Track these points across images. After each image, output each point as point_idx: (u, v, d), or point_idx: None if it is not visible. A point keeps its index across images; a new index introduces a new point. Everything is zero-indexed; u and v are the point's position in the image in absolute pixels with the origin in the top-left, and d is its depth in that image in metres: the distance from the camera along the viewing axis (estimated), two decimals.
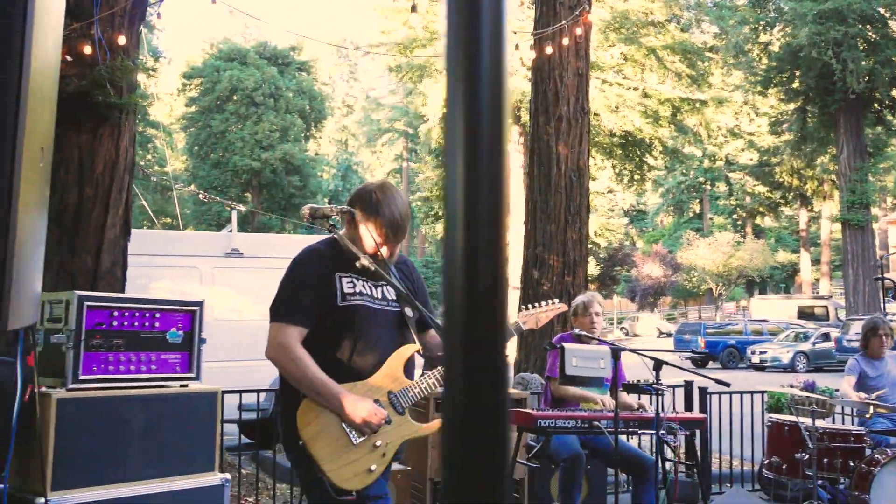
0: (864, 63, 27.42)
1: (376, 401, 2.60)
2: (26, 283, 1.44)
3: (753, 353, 25.95)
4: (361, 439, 2.56)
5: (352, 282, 2.72)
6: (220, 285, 9.23)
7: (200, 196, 30.70)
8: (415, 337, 2.80)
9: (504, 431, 0.52)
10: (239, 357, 8.20)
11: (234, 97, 42.73)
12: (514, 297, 27.59)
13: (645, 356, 4.33)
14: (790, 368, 24.30)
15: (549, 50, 7.80)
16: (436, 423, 2.76)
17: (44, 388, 3.36)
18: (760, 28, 30.54)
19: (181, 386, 3.73)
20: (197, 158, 43.99)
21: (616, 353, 4.22)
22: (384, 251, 2.70)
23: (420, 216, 37.89)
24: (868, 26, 27.95)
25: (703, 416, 4.76)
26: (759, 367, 25.16)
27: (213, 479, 3.71)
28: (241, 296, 9.15)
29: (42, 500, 3.14)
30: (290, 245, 10.31)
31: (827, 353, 25.03)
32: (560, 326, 7.37)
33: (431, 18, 29.10)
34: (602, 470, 5.77)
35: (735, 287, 51.71)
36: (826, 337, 25.88)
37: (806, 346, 25.56)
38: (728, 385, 4.16)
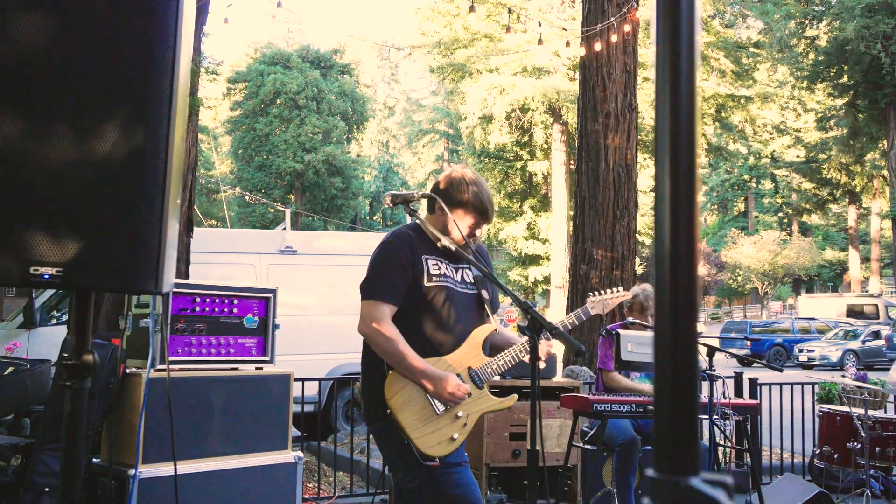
0: None
1: (458, 375, 2.79)
2: (172, 257, 1.66)
3: (801, 351, 25.61)
4: (445, 409, 2.75)
5: (437, 264, 2.92)
6: (275, 281, 9.48)
7: (247, 198, 31.20)
8: (491, 318, 2.99)
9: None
10: (293, 351, 8.41)
11: (278, 100, 43.36)
12: (556, 295, 27.29)
13: (702, 344, 4.45)
14: (839, 367, 23.92)
15: (598, 47, 7.93)
16: (512, 399, 2.94)
17: (133, 369, 3.61)
18: (807, 22, 30.12)
19: (256, 368, 3.95)
20: (241, 161, 44.74)
21: None
22: (474, 234, 2.90)
23: None
24: None
25: (755, 402, 4.86)
26: (807, 366, 24.81)
27: (286, 456, 3.93)
28: (295, 291, 9.38)
29: (133, 472, 3.38)
30: (342, 242, 10.56)
31: (877, 351, 24.62)
32: (607, 318, 7.49)
33: (472, 20, 29.24)
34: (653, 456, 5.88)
35: (781, 286, 50.97)
36: (876, 335, 25.44)
37: (855, 345, 25.15)
38: (781, 370, 4.25)
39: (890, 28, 26.12)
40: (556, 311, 26.05)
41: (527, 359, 2.85)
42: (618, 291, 3.39)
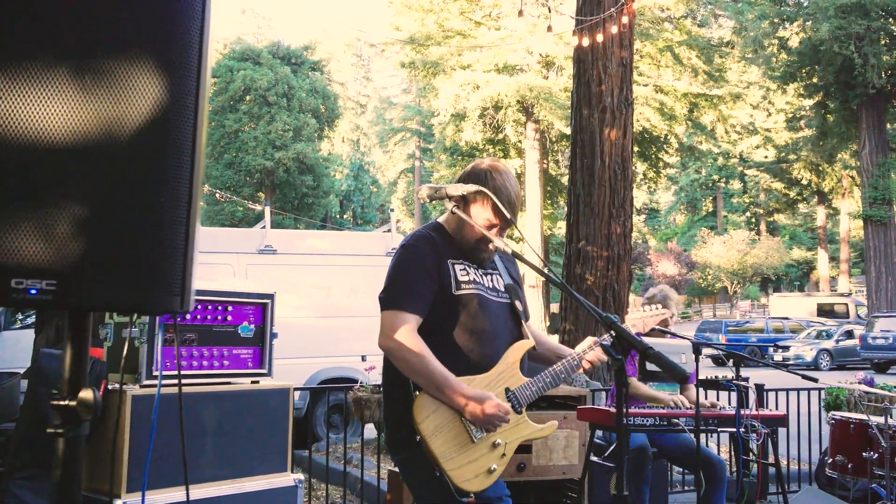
0: (885, 58, 27.10)
1: None
2: (196, 261, 1.27)
3: (776, 350, 25.68)
4: (481, 437, 2.39)
5: (465, 269, 2.55)
6: (254, 282, 9.07)
7: (217, 196, 30.62)
8: (527, 331, 2.63)
9: None
10: (275, 355, 8.03)
11: (248, 97, 42.63)
12: (530, 295, 27.27)
13: (726, 352, 4.16)
14: (813, 366, 24.02)
15: (599, 38, 7.62)
16: (553, 425, 2.57)
17: (115, 385, 3.21)
18: (779, 23, 30.22)
19: (252, 382, 3.57)
20: (210, 158, 43.83)
21: (697, 348, 4.04)
22: (493, 233, 2.53)
23: (436, 215, 37.66)
24: (891, 20, 27.61)
25: (782, 413, 4.58)
26: (782, 366, 24.84)
27: (286, 479, 3.56)
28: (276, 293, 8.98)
29: (118, 502, 2.98)
30: (325, 242, 10.17)
31: (851, 350, 24.74)
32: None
33: (446, 16, 28.92)
34: (663, 469, 5.59)
35: (750, 285, 51.40)
36: (849, 334, 25.59)
37: (829, 344, 25.27)
38: (816, 381, 3.97)
39: (863, 29, 26.27)
40: (530, 312, 25.81)
41: (586, 366, 2.54)
42: (656, 309, 3.07)
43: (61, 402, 1.21)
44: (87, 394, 1.21)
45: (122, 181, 1.14)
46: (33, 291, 1.08)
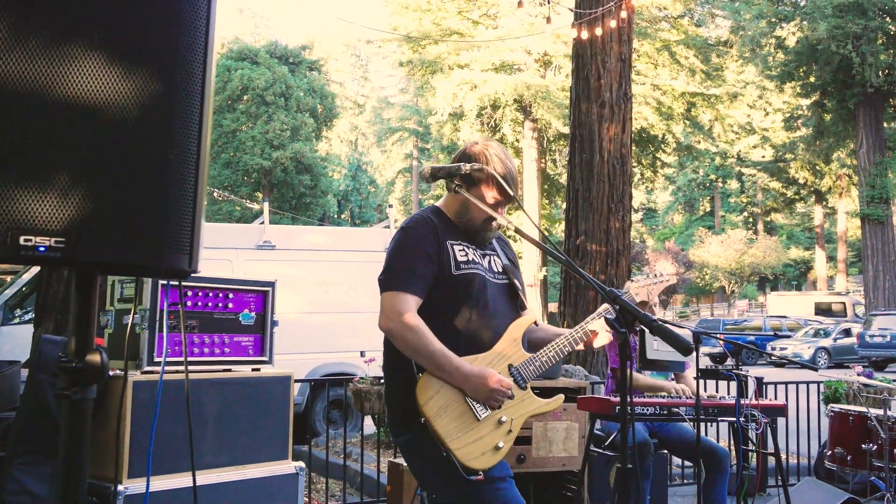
0: (882, 57, 27.15)
1: None
2: (203, 231, 1.28)
3: (773, 349, 25.70)
4: (486, 414, 2.39)
5: (463, 250, 2.56)
6: (253, 277, 9.07)
7: (215, 195, 30.63)
8: (528, 310, 2.64)
9: None
10: (273, 350, 8.05)
11: (245, 96, 42.60)
12: (529, 294, 27.27)
13: (726, 341, 4.16)
14: (811, 365, 24.03)
15: (598, 31, 7.63)
16: (559, 399, 2.58)
17: (116, 371, 3.21)
18: (776, 22, 30.26)
19: (253, 370, 3.57)
20: None
21: (697, 337, 4.04)
22: (498, 212, 2.55)
23: None
24: (888, 19, 27.67)
25: (783, 403, 4.59)
26: (779, 364, 24.92)
27: (287, 467, 3.56)
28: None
29: (120, 487, 2.98)
30: (323, 238, 10.17)
31: (848, 349, 24.76)
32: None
33: (443, 15, 28.92)
34: (663, 461, 5.59)
35: (748, 284, 51.46)
36: (847, 333, 25.61)
37: (827, 342, 25.30)
38: (816, 370, 3.98)
39: (860, 28, 26.31)
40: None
41: (580, 347, 2.56)
42: (662, 276, 3.04)
43: (69, 365, 1.21)
44: (94, 356, 1.22)
45: (131, 140, 1.14)
46: (42, 249, 1.09)
